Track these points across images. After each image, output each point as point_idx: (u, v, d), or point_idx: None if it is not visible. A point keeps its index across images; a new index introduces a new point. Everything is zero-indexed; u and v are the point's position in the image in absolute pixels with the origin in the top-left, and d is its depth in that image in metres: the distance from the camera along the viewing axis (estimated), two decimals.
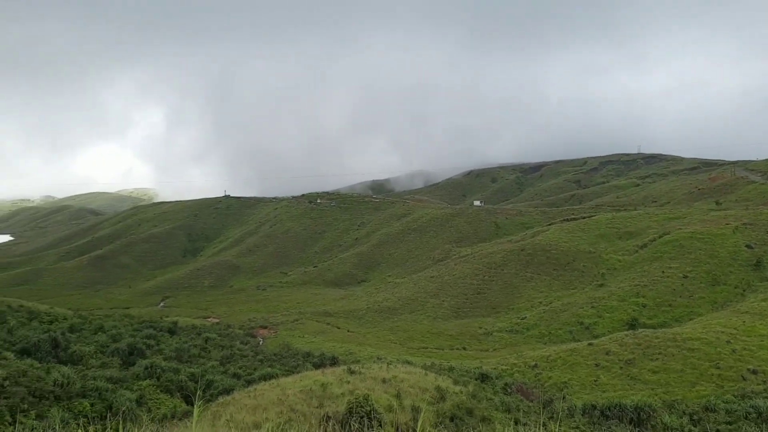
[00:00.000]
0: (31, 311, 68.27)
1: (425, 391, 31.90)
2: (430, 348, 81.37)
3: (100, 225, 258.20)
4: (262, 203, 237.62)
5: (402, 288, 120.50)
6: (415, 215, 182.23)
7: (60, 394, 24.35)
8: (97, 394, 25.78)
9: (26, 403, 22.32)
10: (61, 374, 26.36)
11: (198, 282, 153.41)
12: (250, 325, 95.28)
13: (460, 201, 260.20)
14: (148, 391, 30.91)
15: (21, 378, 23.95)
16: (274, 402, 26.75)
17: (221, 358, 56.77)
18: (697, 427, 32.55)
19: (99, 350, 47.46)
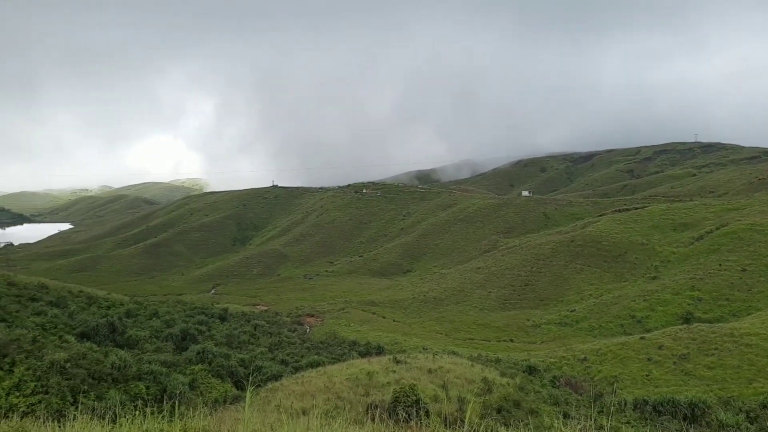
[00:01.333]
0: (90, 297, 70.99)
1: (471, 382, 31.61)
2: (477, 339, 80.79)
3: (154, 214, 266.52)
4: (308, 193, 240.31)
5: (448, 279, 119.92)
6: (461, 205, 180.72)
7: (117, 377, 25.23)
8: (152, 378, 26.59)
9: (86, 385, 23.21)
10: (118, 357, 27.29)
11: (247, 270, 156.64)
12: (297, 313, 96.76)
13: (508, 191, 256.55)
14: (200, 375, 31.68)
15: (81, 360, 24.93)
16: (321, 389, 27.04)
17: (269, 344, 57.78)
18: (754, 424, 31.21)
19: (153, 335, 48.98)
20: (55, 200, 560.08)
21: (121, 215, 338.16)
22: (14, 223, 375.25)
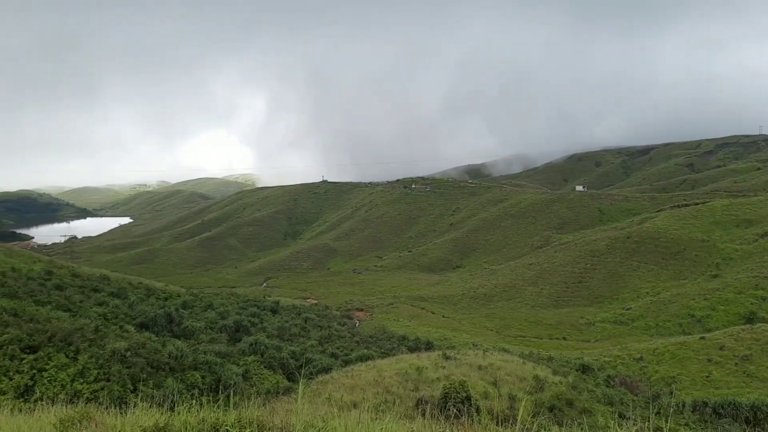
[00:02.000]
0: (148, 288, 73.54)
1: (523, 380, 31.13)
2: (528, 337, 79.59)
3: (208, 209, 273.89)
4: (357, 188, 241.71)
5: (498, 275, 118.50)
6: (512, 200, 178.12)
7: (174, 366, 25.99)
8: (207, 368, 27.26)
9: (145, 373, 24.00)
10: (175, 347, 28.11)
11: (298, 264, 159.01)
12: (346, 307, 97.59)
13: (561, 186, 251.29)
14: (253, 366, 32.30)
15: (140, 350, 25.80)
16: (371, 383, 27.13)
17: (320, 337, 58.44)
18: None
19: (208, 326, 50.31)
20: (116, 195, 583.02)
21: (178, 210, 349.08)
22: (78, 217, 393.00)
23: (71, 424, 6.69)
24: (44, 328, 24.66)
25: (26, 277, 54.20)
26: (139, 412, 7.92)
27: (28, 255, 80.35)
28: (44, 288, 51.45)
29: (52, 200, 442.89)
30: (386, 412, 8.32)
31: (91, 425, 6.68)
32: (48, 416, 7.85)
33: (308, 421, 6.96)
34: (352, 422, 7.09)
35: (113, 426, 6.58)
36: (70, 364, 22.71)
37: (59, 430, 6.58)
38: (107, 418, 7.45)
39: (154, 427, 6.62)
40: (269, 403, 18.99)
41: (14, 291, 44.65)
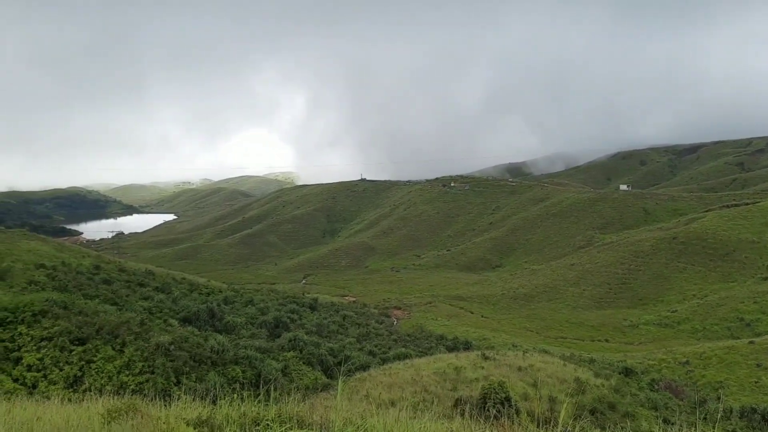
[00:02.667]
0: (191, 283, 75.23)
1: (563, 382, 30.62)
2: (569, 338, 78.30)
3: (249, 206, 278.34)
4: (396, 186, 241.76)
5: (539, 275, 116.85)
6: (554, 199, 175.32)
7: (216, 360, 26.48)
8: (248, 362, 27.68)
9: (188, 367, 24.53)
10: (217, 342, 28.65)
11: (336, 261, 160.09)
12: (384, 305, 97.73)
13: (605, 185, 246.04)
14: (292, 362, 32.68)
15: (183, 343, 26.38)
16: (409, 381, 27.09)
17: (358, 335, 58.71)
18: None
19: (249, 321, 51.18)
20: (161, 192, 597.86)
21: (220, 207, 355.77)
22: (125, 213, 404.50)
23: (118, 415, 6.85)
24: (92, 321, 25.44)
25: (76, 272, 56.13)
26: (183, 405, 8.07)
27: (78, 250, 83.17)
28: (92, 282, 53.20)
29: (101, 197, 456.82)
30: (425, 412, 8.27)
31: (137, 416, 6.83)
32: (96, 407, 8.08)
33: (347, 418, 6.96)
34: (390, 420, 7.06)
35: (158, 417, 6.71)
36: (117, 356, 23.37)
37: (106, 420, 6.75)
38: (152, 409, 7.61)
39: (197, 419, 6.73)
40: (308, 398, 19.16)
41: (64, 285, 46.30)
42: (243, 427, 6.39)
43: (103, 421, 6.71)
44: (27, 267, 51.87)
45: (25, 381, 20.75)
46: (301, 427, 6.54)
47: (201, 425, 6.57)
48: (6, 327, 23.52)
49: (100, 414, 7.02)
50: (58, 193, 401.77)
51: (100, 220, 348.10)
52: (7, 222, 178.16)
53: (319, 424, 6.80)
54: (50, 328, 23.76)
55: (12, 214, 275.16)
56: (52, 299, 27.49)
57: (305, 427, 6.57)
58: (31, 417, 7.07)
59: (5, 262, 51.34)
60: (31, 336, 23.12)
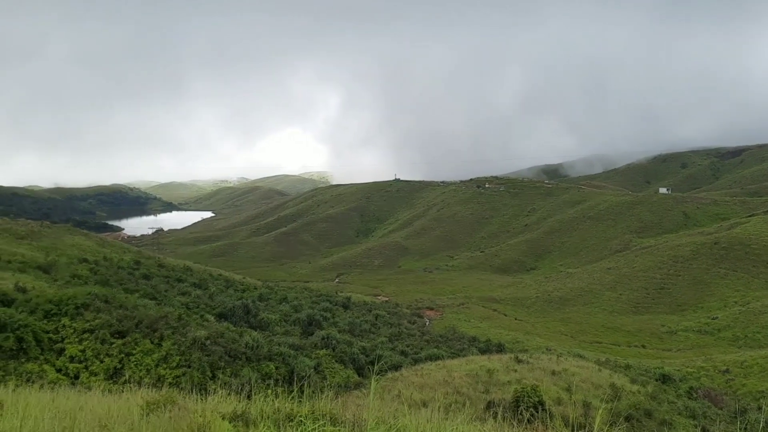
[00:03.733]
0: (227, 280, 76.55)
1: (598, 387, 30.09)
2: (605, 343, 76.90)
3: (284, 205, 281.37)
4: (430, 187, 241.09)
5: (575, 278, 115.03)
6: (591, 202, 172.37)
7: (250, 356, 26.87)
8: (281, 359, 28.01)
9: (223, 362, 24.95)
10: (251, 338, 29.06)
11: (369, 261, 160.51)
12: (417, 306, 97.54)
13: (643, 188, 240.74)
14: (325, 360, 32.91)
15: (219, 339, 26.85)
16: (441, 382, 27.00)
17: (390, 335, 58.74)
18: None
19: (283, 319, 51.73)
20: (200, 190, 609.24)
21: (256, 205, 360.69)
22: (164, 210, 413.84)
23: (156, 407, 7.02)
24: (132, 315, 26.10)
25: (117, 266, 57.67)
26: (218, 399, 8.23)
27: (119, 245, 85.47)
28: (133, 277, 54.59)
29: (141, 194, 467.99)
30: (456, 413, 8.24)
31: (174, 409, 6.99)
32: (135, 398, 8.30)
33: (380, 417, 6.99)
34: (422, 421, 7.07)
35: (194, 411, 6.85)
36: (155, 349, 23.92)
37: (145, 412, 6.92)
38: (189, 402, 7.77)
39: (233, 414, 6.84)
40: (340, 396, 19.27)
41: (106, 279, 47.60)
42: (277, 423, 6.47)
43: (142, 413, 6.89)
44: (71, 261, 53.54)
45: (68, 372, 21.42)
46: (334, 424, 6.59)
47: (236, 419, 6.68)
48: (50, 319, 24.32)
49: (140, 406, 7.20)
50: (101, 190, 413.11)
51: (140, 216, 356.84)
52: (52, 217, 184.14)
53: (351, 422, 6.83)
54: (92, 321, 24.47)
55: (57, 210, 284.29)
56: (94, 293, 28.29)
57: (338, 425, 6.61)
58: (74, 407, 7.31)
59: (51, 256, 53.13)
60: (73, 328, 23.85)
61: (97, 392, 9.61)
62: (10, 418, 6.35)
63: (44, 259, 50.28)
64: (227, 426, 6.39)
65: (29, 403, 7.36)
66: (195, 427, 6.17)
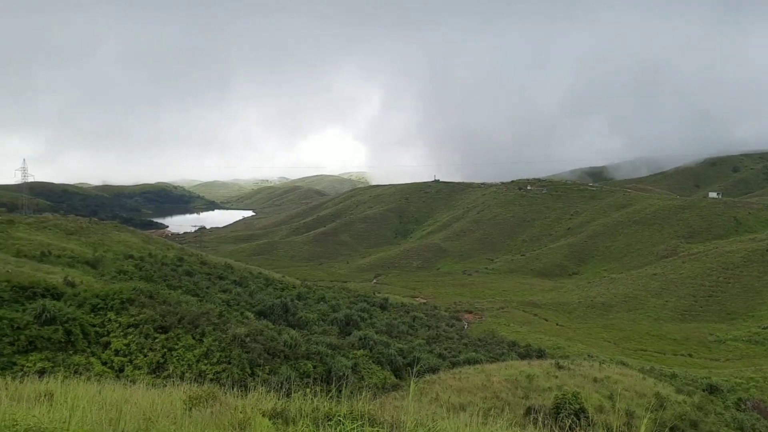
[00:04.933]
0: (267, 278, 77.63)
1: (642, 396, 29.33)
2: (649, 351, 74.95)
3: (323, 205, 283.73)
4: (470, 188, 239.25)
5: (619, 284, 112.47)
6: (637, 206, 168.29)
7: (288, 354, 27.13)
8: (319, 358, 28.19)
9: (262, 359, 25.26)
10: (290, 336, 29.35)
11: (407, 262, 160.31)
12: (455, 309, 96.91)
13: (692, 192, 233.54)
14: (362, 360, 32.95)
15: (258, 336, 27.20)
16: (479, 387, 26.73)
17: (427, 337, 58.52)
18: None
19: (321, 318, 52.12)
20: (241, 189, 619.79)
21: (296, 205, 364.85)
22: (207, 209, 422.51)
23: (198, 402, 7.12)
24: (175, 311, 26.68)
25: (161, 263, 59.15)
26: (258, 396, 8.31)
27: (163, 242, 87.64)
28: (176, 273, 55.88)
29: (185, 192, 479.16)
30: (496, 418, 8.11)
31: (216, 404, 7.07)
32: (178, 393, 8.44)
33: (418, 420, 6.92)
34: (461, 424, 6.98)
35: (235, 406, 6.92)
36: (196, 345, 24.39)
37: (188, 406, 7.02)
38: (229, 398, 7.86)
39: (272, 411, 6.87)
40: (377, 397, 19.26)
41: (150, 275, 48.85)
42: (316, 422, 6.47)
43: (184, 407, 6.99)
44: (117, 257, 55.19)
45: (113, 365, 22.03)
46: (373, 425, 6.54)
47: (276, 417, 6.71)
48: (97, 313, 25.07)
49: (182, 400, 7.32)
50: (146, 188, 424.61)
51: (184, 214, 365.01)
52: (100, 214, 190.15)
53: (390, 423, 6.78)
54: (136, 316, 25.12)
55: (105, 207, 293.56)
56: (139, 288, 29.04)
57: (376, 426, 6.56)
58: (120, 399, 7.47)
59: (98, 251, 54.87)
60: (119, 322, 24.53)
61: (141, 386, 9.82)
62: (59, 408, 6.52)
63: (92, 254, 51.93)
64: (267, 423, 6.42)
65: (77, 394, 7.56)
66: (236, 423, 6.21)
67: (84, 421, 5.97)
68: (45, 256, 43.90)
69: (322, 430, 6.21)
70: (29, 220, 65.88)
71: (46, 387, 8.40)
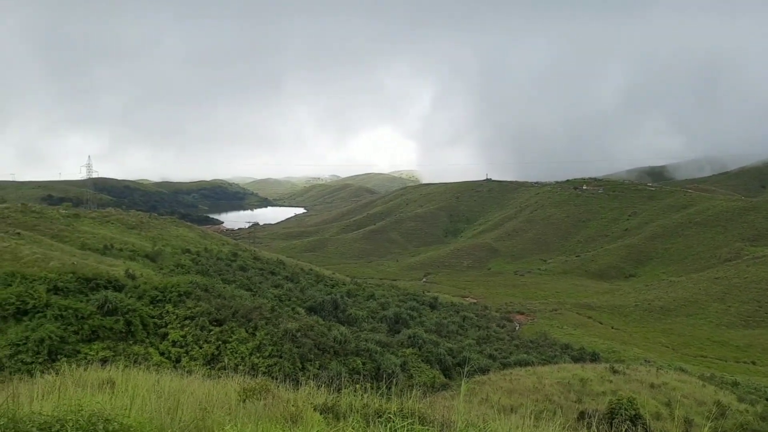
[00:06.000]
0: (318, 275, 78.53)
1: (702, 404, 28.22)
2: (710, 357, 72.04)
3: (374, 203, 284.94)
4: (523, 188, 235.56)
5: (678, 287, 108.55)
6: (698, 207, 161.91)
7: (338, 350, 27.41)
8: (368, 355, 28.35)
9: (312, 354, 25.60)
10: (339, 333, 29.65)
11: (457, 262, 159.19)
12: (506, 309, 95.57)
13: (758, 193, 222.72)
14: (411, 359, 32.94)
15: (309, 331, 27.59)
16: (530, 389, 26.31)
17: (477, 337, 57.87)
18: None
19: (370, 315, 52.36)
20: (293, 187, 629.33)
21: (346, 202, 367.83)
22: (260, 206, 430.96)
23: (252, 394, 7.26)
24: (229, 305, 27.36)
25: (216, 257, 60.72)
26: (309, 390, 8.41)
27: (219, 238, 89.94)
28: (230, 268, 57.25)
29: (240, 190, 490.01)
30: (548, 421, 7.96)
31: (269, 397, 7.19)
32: (232, 384, 8.64)
33: (469, 420, 6.85)
34: (512, 426, 6.88)
35: (287, 400, 7.02)
36: (249, 338, 24.93)
37: (242, 398, 7.17)
38: (281, 391, 7.98)
39: (323, 405, 6.94)
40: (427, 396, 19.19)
41: (206, 269, 50.22)
42: (366, 418, 6.48)
43: (239, 399, 7.15)
44: (175, 251, 56.97)
45: (170, 355, 22.77)
46: (423, 423, 6.51)
47: (326, 411, 6.77)
48: (156, 305, 25.97)
49: (236, 392, 7.48)
50: (203, 185, 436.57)
51: (238, 211, 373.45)
52: (159, 210, 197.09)
53: (440, 422, 6.74)
54: (193, 308, 25.89)
55: (164, 203, 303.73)
56: (196, 282, 29.93)
57: (426, 424, 6.53)
58: (177, 389, 7.70)
59: (157, 245, 56.79)
60: (176, 314, 25.34)
61: (197, 377, 10.10)
62: (120, 396, 6.77)
63: (151, 248, 53.77)
64: (318, 417, 6.48)
65: (137, 383, 7.84)
66: (288, 416, 6.30)
67: (143, 409, 6.17)
68: (108, 249, 45.72)
69: (372, 427, 6.22)
70: (93, 215, 68.73)
71: (108, 375, 8.74)
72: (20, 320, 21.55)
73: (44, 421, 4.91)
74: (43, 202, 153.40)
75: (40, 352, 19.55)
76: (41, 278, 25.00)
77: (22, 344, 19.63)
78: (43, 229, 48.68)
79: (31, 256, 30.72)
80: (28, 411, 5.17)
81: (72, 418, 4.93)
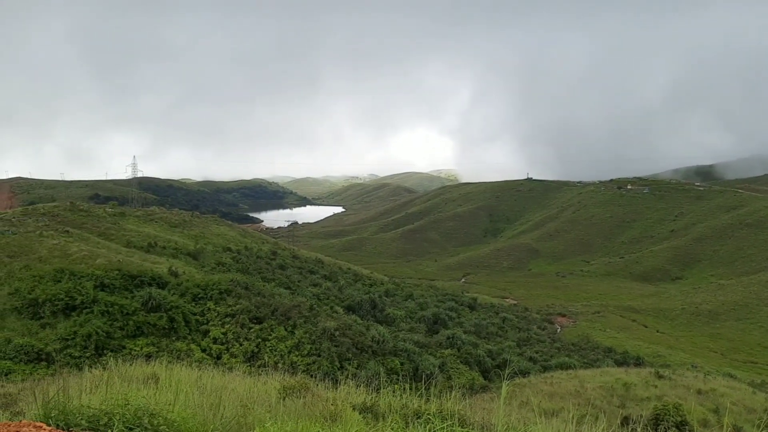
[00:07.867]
0: (356, 274, 78.87)
1: (752, 411, 27.19)
2: (761, 364, 69.50)
3: (412, 202, 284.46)
4: (565, 187, 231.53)
5: (727, 291, 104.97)
6: (749, 208, 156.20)
7: (376, 350, 27.44)
8: (406, 355, 28.31)
9: (350, 353, 25.70)
10: (377, 332, 29.69)
11: (497, 262, 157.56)
12: (547, 311, 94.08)
13: None
14: (450, 360, 32.75)
15: (347, 331, 27.72)
16: (572, 393, 25.83)
17: (517, 339, 57.11)
18: None
19: (408, 315, 52.27)
20: (332, 186, 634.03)
21: (384, 202, 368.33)
22: (299, 204, 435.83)
23: (291, 392, 7.31)
24: (269, 303, 27.71)
25: (256, 256, 61.61)
26: (347, 389, 8.42)
27: (259, 236, 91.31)
28: (270, 266, 58.00)
29: (279, 189, 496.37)
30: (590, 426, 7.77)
31: (308, 395, 7.23)
32: (272, 382, 8.73)
33: (509, 423, 6.74)
34: (553, 431, 6.74)
35: (326, 398, 7.04)
36: (288, 337, 25.19)
37: (282, 395, 7.23)
38: (321, 390, 8.02)
39: (362, 405, 6.93)
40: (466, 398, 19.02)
41: (246, 267, 51.02)
42: (405, 418, 6.44)
43: (279, 396, 7.21)
44: (216, 249, 58.05)
45: (211, 352, 23.20)
46: (463, 425, 6.43)
47: (365, 411, 6.75)
48: (198, 302, 26.51)
49: (276, 389, 7.55)
50: (243, 184, 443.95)
51: (278, 210, 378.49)
52: (201, 208, 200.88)
53: (480, 425, 6.65)
54: (233, 306, 26.33)
55: (205, 202, 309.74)
56: (236, 280, 30.41)
57: (466, 426, 6.45)
58: (219, 385, 7.83)
59: (199, 243, 57.98)
60: (217, 312, 25.81)
61: (238, 373, 10.25)
62: (165, 391, 6.91)
63: (193, 246, 54.90)
64: (357, 417, 6.48)
65: (180, 378, 7.99)
66: (327, 415, 6.31)
67: (187, 404, 6.28)
68: (152, 247, 46.89)
69: (411, 428, 6.17)
70: (138, 213, 70.63)
71: (152, 370, 8.95)
72: (69, 315, 22.32)
73: (92, 414, 5.04)
74: (91, 200, 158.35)
75: (88, 346, 20.20)
76: (88, 275, 25.82)
77: (70, 339, 20.32)
78: (91, 227, 50.28)
79: (79, 254, 31.78)
80: (78, 404, 5.31)
81: (119, 412, 5.05)
